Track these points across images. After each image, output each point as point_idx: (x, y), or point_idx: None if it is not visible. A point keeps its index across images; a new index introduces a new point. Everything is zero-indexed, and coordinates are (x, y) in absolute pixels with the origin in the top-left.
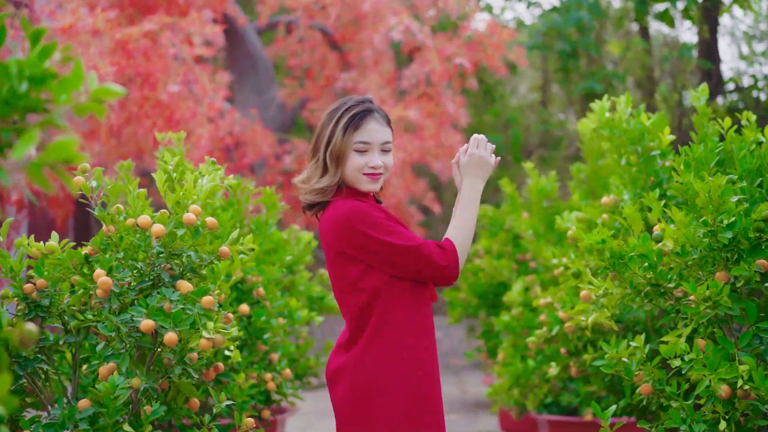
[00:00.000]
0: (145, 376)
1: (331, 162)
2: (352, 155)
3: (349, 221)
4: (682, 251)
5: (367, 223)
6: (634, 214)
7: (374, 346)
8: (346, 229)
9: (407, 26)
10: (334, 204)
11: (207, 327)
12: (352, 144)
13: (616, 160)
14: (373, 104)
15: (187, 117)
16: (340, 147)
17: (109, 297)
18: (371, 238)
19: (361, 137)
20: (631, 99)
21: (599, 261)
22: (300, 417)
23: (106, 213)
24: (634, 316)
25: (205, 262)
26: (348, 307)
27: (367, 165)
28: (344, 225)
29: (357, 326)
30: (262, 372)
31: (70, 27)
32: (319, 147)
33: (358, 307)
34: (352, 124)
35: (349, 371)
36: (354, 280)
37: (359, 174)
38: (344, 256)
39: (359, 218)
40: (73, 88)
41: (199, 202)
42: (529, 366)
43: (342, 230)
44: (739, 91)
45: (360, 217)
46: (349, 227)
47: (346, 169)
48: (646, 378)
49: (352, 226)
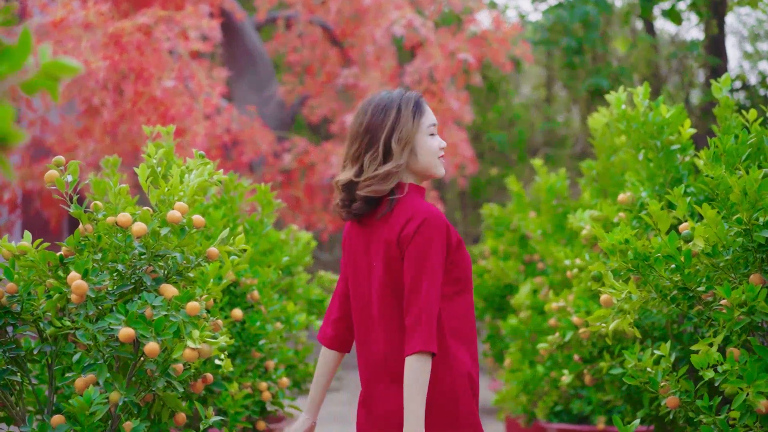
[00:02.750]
0: (124, 390)
1: (399, 146)
2: (426, 139)
3: (429, 228)
4: (713, 251)
5: (438, 246)
6: (660, 212)
7: (444, 364)
8: (425, 233)
9: (410, 21)
10: (405, 203)
11: (192, 336)
12: (425, 128)
13: (633, 155)
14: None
15: (183, 113)
16: (410, 132)
17: (85, 302)
18: (428, 260)
19: (432, 120)
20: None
21: (622, 263)
22: None
23: (83, 210)
24: (653, 321)
25: (192, 264)
26: (394, 321)
27: (440, 147)
28: (426, 227)
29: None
30: (256, 381)
31: (61, 20)
32: (378, 137)
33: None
34: (419, 109)
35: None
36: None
37: (435, 158)
38: (400, 261)
39: (439, 232)
40: (18, 60)
41: (186, 199)
42: (538, 372)
43: (422, 232)
44: (746, 89)
45: (439, 232)
46: (428, 234)
47: (420, 155)
48: (672, 389)
49: (431, 235)
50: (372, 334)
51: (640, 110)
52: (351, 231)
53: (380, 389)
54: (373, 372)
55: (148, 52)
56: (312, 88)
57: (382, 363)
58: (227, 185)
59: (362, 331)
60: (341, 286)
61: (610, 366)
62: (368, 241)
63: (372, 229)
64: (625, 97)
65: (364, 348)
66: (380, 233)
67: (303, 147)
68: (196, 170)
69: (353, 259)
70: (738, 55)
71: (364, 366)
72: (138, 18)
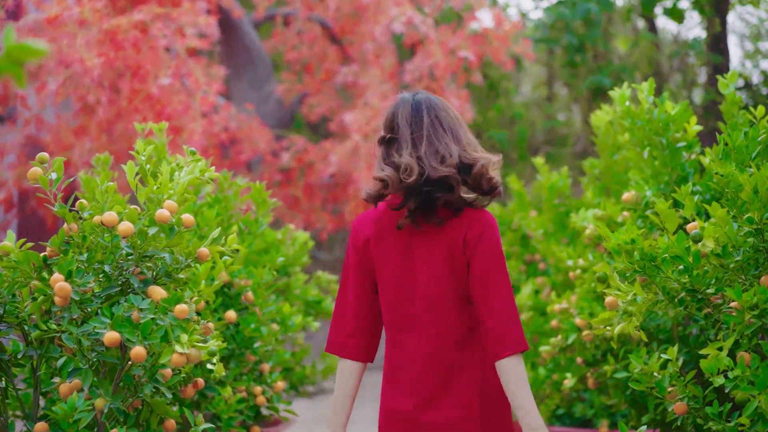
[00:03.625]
0: (110, 396)
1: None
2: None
3: (493, 230)
4: (723, 252)
5: (501, 247)
6: (668, 211)
7: (489, 369)
8: (491, 234)
9: (409, 18)
10: (470, 210)
11: (181, 340)
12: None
13: (638, 153)
14: None
15: (179, 111)
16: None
17: (69, 305)
18: (501, 260)
19: None
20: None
21: (628, 263)
22: (297, 426)
23: (68, 209)
24: (658, 323)
25: (182, 265)
26: (456, 325)
27: None
28: (491, 229)
29: (462, 348)
30: (251, 385)
31: (56, 17)
32: (456, 127)
33: (469, 325)
34: None
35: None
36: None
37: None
38: (466, 265)
39: (499, 234)
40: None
41: (176, 197)
42: (539, 374)
43: (487, 233)
44: (748, 87)
45: (499, 234)
46: (493, 235)
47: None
48: (680, 395)
49: (496, 236)
50: (414, 336)
51: (645, 107)
52: (379, 236)
53: (430, 390)
54: (419, 372)
55: (145, 49)
56: (311, 86)
57: (428, 362)
58: (221, 184)
59: (398, 335)
60: (355, 293)
61: (615, 370)
62: (411, 245)
63: (418, 232)
64: (629, 94)
65: (405, 350)
66: (435, 236)
67: (301, 145)
68: (187, 167)
69: (389, 264)
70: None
71: (406, 366)
72: (134, 15)
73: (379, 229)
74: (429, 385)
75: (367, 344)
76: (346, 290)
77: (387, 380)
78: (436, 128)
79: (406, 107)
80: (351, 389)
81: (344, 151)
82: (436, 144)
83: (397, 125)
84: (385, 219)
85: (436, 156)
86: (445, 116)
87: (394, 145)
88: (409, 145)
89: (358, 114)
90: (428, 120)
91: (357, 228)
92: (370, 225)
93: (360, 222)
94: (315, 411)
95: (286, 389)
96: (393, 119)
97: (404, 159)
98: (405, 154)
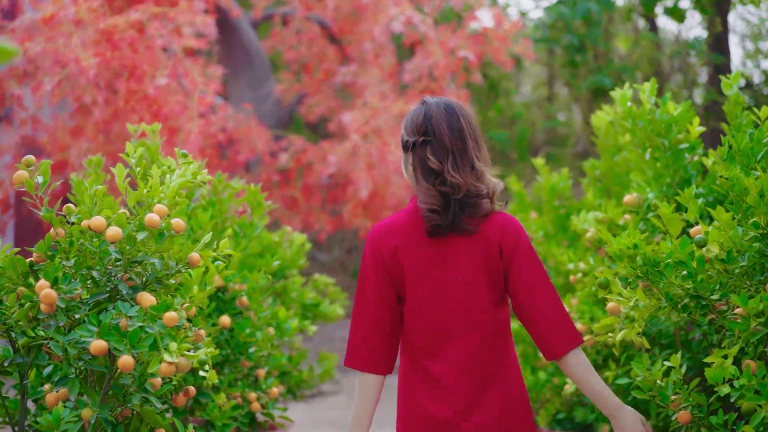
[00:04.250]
0: (98, 406)
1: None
2: None
3: (524, 233)
4: (728, 257)
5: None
6: (672, 215)
7: (515, 366)
8: (524, 237)
9: (409, 17)
10: (493, 214)
11: (170, 348)
12: None
13: (639, 155)
14: None
15: (176, 112)
16: None
17: (56, 312)
18: (539, 261)
19: None
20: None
21: (630, 269)
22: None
23: (55, 213)
24: (660, 328)
25: (173, 270)
26: (490, 331)
27: None
28: (523, 232)
29: (495, 353)
30: (246, 390)
31: (51, 17)
32: (480, 146)
33: (499, 331)
34: None
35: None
36: (503, 295)
37: None
38: (502, 271)
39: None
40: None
41: (166, 201)
42: (540, 378)
43: (521, 237)
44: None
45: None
46: (526, 238)
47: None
48: (684, 404)
49: (527, 239)
50: (451, 342)
51: (647, 108)
52: (410, 243)
53: (469, 396)
54: (457, 378)
55: (141, 49)
56: (309, 86)
57: (466, 368)
58: (216, 186)
59: (433, 342)
60: (376, 305)
61: (616, 376)
62: (444, 252)
63: (450, 239)
64: (630, 95)
65: (441, 357)
66: (468, 242)
67: (300, 146)
68: (178, 170)
69: (423, 272)
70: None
71: (443, 373)
72: (131, 14)
73: (408, 237)
74: (468, 391)
75: (388, 356)
76: (366, 302)
77: (418, 388)
78: (471, 138)
79: (440, 111)
80: (373, 404)
81: (343, 152)
82: (473, 157)
83: (432, 129)
84: (415, 226)
85: (473, 170)
86: (476, 126)
87: (427, 147)
88: (449, 152)
89: (357, 114)
90: (466, 127)
91: (379, 237)
92: (397, 233)
93: (382, 230)
94: (312, 415)
95: (282, 393)
96: (426, 122)
97: (450, 178)
98: (448, 167)
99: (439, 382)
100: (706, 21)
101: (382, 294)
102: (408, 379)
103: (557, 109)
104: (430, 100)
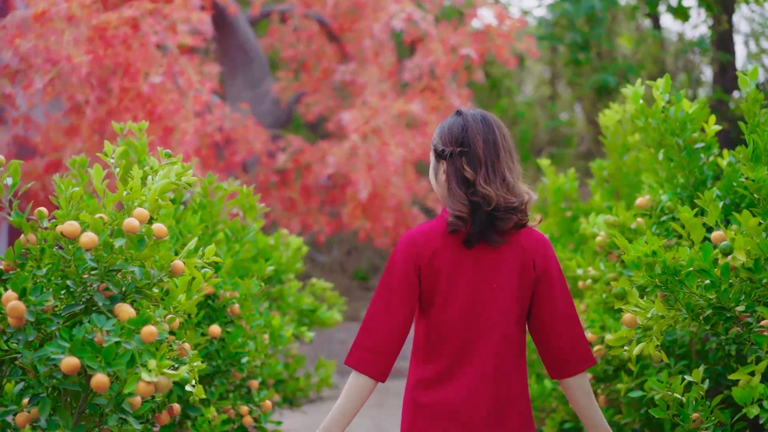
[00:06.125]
0: (70, 428)
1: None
2: None
3: (553, 249)
4: (755, 266)
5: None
6: (693, 219)
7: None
8: (554, 254)
9: (409, 14)
10: (525, 228)
11: (148, 366)
12: None
13: (652, 155)
14: None
15: (171, 111)
16: None
17: (24, 326)
18: (565, 280)
19: None
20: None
21: (648, 278)
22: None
23: (26, 218)
24: (674, 338)
25: (154, 279)
26: (513, 341)
27: None
28: (552, 249)
29: (516, 364)
30: (237, 403)
31: (42, 13)
32: (513, 158)
33: (520, 343)
34: None
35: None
36: (525, 311)
37: None
38: (533, 282)
39: None
40: None
41: (147, 205)
42: (546, 387)
43: (553, 255)
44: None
45: None
46: (554, 254)
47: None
48: (706, 424)
49: (557, 259)
50: (478, 350)
51: (660, 105)
52: (448, 250)
53: (493, 404)
54: (480, 386)
55: (135, 46)
56: (308, 84)
57: (492, 376)
58: (205, 188)
59: (460, 348)
60: (397, 310)
61: (628, 389)
62: (479, 260)
63: (485, 248)
64: (642, 92)
65: (468, 365)
66: (502, 252)
67: (298, 146)
68: (161, 171)
69: (459, 279)
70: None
71: (468, 381)
72: (124, 10)
73: (446, 242)
74: (492, 399)
75: (389, 364)
76: (388, 306)
77: (436, 392)
78: (505, 150)
79: (477, 123)
80: (358, 408)
81: (342, 152)
82: (504, 169)
83: (468, 140)
84: (451, 234)
85: (504, 182)
86: (509, 139)
87: (462, 158)
88: (482, 164)
89: (356, 113)
90: (501, 140)
91: (417, 241)
92: (436, 238)
93: (420, 235)
94: (309, 424)
95: (278, 402)
96: (463, 133)
97: (482, 189)
98: (480, 179)
99: (463, 388)
100: (711, 19)
101: (406, 300)
102: (422, 388)
103: (560, 109)
104: (467, 112)
